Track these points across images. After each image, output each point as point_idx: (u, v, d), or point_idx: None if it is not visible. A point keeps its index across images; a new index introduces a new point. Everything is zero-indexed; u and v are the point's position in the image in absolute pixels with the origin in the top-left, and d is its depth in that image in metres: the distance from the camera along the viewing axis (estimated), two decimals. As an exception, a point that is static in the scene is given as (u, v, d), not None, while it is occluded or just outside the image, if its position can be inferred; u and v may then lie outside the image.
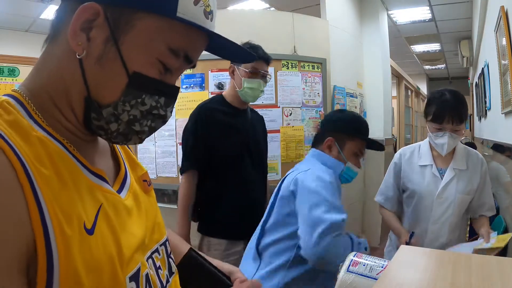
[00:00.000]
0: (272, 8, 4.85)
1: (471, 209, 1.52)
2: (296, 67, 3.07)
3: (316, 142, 1.45)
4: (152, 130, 0.51)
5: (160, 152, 2.69)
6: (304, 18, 3.26)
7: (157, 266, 0.56)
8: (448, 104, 1.42)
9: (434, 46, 6.81)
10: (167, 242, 0.61)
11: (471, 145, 4.02)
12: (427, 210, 1.50)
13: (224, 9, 3.84)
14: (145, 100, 0.47)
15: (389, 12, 4.82)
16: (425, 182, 1.52)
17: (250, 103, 1.73)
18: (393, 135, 5.42)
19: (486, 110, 3.64)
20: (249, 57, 0.58)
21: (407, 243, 1.43)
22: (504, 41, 2.05)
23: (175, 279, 0.60)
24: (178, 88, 0.51)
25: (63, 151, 0.44)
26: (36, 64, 0.49)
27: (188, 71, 3.02)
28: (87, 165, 0.47)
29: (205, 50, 0.54)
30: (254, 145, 1.70)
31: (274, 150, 2.95)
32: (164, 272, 0.57)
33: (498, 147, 2.51)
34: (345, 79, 3.58)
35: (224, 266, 0.70)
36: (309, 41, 3.17)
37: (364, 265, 0.98)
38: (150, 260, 0.54)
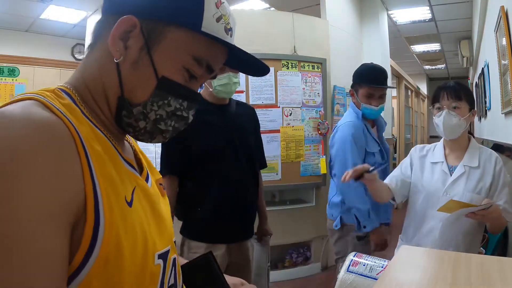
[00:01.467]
0: (272, 8, 4.85)
1: None
2: (296, 67, 3.07)
3: None
4: (175, 130, 0.57)
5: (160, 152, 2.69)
6: (304, 18, 3.26)
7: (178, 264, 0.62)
8: (446, 86, 1.47)
9: (434, 46, 6.81)
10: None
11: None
12: (434, 208, 1.47)
13: (224, 9, 3.85)
14: (171, 102, 0.54)
15: (389, 12, 4.82)
16: (434, 178, 1.50)
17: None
18: (393, 135, 5.42)
19: (486, 110, 3.64)
20: (266, 70, 0.63)
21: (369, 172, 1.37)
22: (504, 41, 2.06)
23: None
24: (200, 94, 0.58)
25: (105, 138, 0.51)
26: (79, 66, 0.56)
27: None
28: (121, 153, 0.54)
29: (224, 65, 0.60)
30: (240, 141, 1.62)
31: (274, 150, 2.95)
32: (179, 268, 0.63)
33: (498, 147, 2.51)
34: (345, 79, 3.57)
35: (229, 279, 0.74)
36: (309, 41, 3.17)
37: (364, 265, 0.98)
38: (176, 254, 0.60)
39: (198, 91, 0.59)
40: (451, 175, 1.47)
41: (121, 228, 0.45)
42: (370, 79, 1.83)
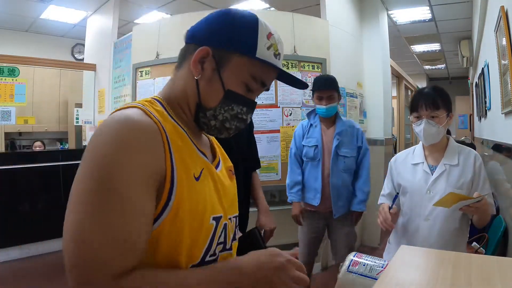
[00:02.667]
0: (272, 8, 4.85)
1: None
2: (296, 67, 3.07)
3: None
4: (237, 129, 0.78)
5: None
6: (304, 18, 3.25)
7: (229, 227, 0.79)
8: (424, 94, 1.52)
9: (434, 46, 6.80)
10: (237, 217, 0.86)
11: (471, 145, 4.01)
12: (417, 207, 1.52)
13: (224, 9, 3.84)
14: (234, 108, 0.74)
15: (389, 12, 4.82)
16: (416, 178, 1.56)
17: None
18: (393, 135, 5.42)
19: (486, 110, 3.64)
20: (304, 86, 0.83)
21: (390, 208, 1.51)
22: (504, 41, 2.05)
23: (235, 244, 0.83)
24: (256, 102, 0.79)
25: (183, 132, 0.72)
26: (169, 81, 0.79)
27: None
28: (197, 145, 0.75)
29: (276, 79, 0.81)
30: (234, 142, 1.62)
31: (274, 150, 2.95)
32: (231, 234, 0.80)
33: (498, 147, 2.51)
34: (345, 79, 3.58)
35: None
36: (309, 41, 3.17)
37: (364, 265, 0.98)
38: (231, 219, 0.80)
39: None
40: (432, 174, 1.53)
41: (187, 194, 0.65)
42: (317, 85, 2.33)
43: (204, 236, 0.69)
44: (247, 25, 0.72)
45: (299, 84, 0.83)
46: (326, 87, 2.30)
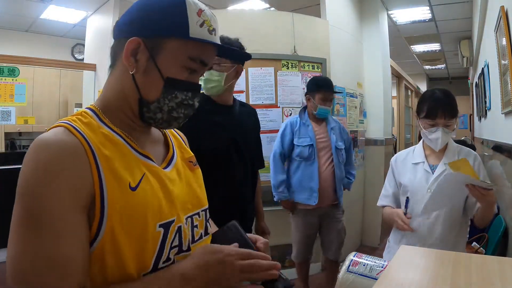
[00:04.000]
0: (272, 8, 4.85)
1: (469, 207, 1.52)
2: (296, 67, 3.07)
3: None
4: (186, 116, 0.74)
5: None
6: (304, 18, 3.25)
7: (195, 225, 0.77)
8: (440, 101, 1.51)
9: (434, 46, 6.80)
10: (207, 211, 0.84)
11: (471, 147, 4.01)
12: (419, 205, 1.53)
13: (224, 9, 3.84)
14: (177, 95, 0.70)
15: (389, 12, 4.82)
16: (417, 177, 1.57)
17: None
18: (393, 135, 5.42)
19: (486, 110, 3.64)
20: (246, 57, 0.81)
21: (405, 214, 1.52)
22: (504, 41, 2.05)
23: (207, 240, 0.80)
24: (200, 84, 0.75)
25: (119, 139, 0.68)
26: (105, 84, 0.74)
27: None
28: (136, 148, 0.70)
29: (218, 56, 0.78)
30: (242, 142, 1.63)
31: (274, 150, 2.95)
32: (199, 231, 0.78)
33: (499, 148, 2.51)
34: (345, 79, 3.58)
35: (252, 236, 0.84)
36: (309, 41, 3.17)
37: (364, 265, 0.98)
38: (189, 219, 0.76)
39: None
40: (433, 174, 1.54)
41: (122, 208, 0.62)
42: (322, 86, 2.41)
43: (152, 245, 0.67)
44: (174, 6, 0.68)
45: (243, 57, 0.81)
46: (331, 89, 2.41)
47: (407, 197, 1.55)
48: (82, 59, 5.21)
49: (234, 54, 0.79)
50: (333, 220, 2.45)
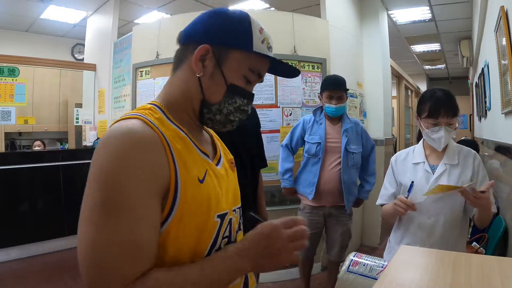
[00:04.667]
0: (272, 8, 4.85)
1: (468, 208, 1.52)
2: (296, 67, 3.07)
3: None
4: (240, 120, 0.82)
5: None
6: (304, 18, 3.25)
7: (234, 220, 0.84)
8: (442, 100, 1.51)
9: (434, 46, 6.80)
10: (240, 208, 0.90)
11: (472, 142, 4.01)
12: (419, 205, 1.52)
13: (224, 9, 3.84)
14: (236, 100, 0.78)
15: (389, 12, 4.82)
16: (417, 177, 1.57)
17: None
18: (393, 135, 5.42)
19: (486, 110, 3.64)
20: (296, 72, 0.87)
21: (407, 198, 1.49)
22: (504, 41, 2.05)
23: (240, 234, 0.88)
24: (254, 94, 0.83)
25: (185, 136, 0.74)
26: (167, 83, 0.81)
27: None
28: (198, 146, 0.77)
29: (268, 72, 0.85)
30: (240, 142, 1.63)
31: (274, 150, 2.95)
32: (236, 226, 0.85)
33: (499, 148, 2.51)
34: (345, 79, 3.57)
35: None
36: (309, 41, 3.17)
37: (364, 265, 0.98)
38: (234, 213, 0.83)
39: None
40: (433, 174, 1.54)
41: (191, 198, 0.69)
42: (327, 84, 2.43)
43: (209, 234, 0.73)
44: (242, 22, 0.77)
45: (292, 73, 0.87)
46: (337, 87, 2.38)
47: (412, 182, 1.53)
48: (82, 59, 5.21)
49: (284, 70, 0.85)
50: (337, 222, 2.44)
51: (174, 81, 0.80)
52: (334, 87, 2.38)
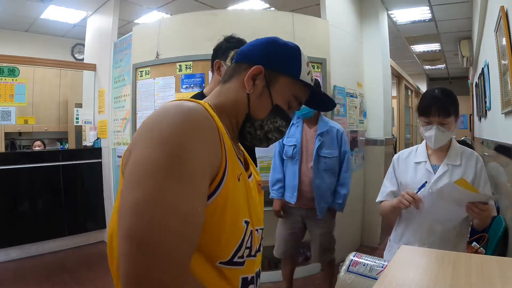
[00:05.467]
0: (272, 8, 4.85)
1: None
2: (296, 67, 3.07)
3: None
4: (276, 139, 0.86)
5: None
6: (304, 18, 3.25)
7: (256, 236, 0.84)
8: (436, 99, 1.51)
9: (434, 46, 6.81)
10: (263, 230, 0.91)
11: (470, 146, 4.01)
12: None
13: (224, 9, 3.84)
14: (277, 121, 0.83)
15: (389, 12, 4.82)
16: (418, 176, 1.57)
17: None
18: (393, 135, 5.42)
19: (486, 110, 3.64)
20: (332, 106, 0.93)
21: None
22: (504, 41, 2.05)
23: (260, 255, 0.87)
24: (291, 119, 0.87)
25: (228, 138, 0.75)
26: (216, 91, 0.86)
27: (188, 71, 3.04)
28: (236, 151, 0.79)
29: (304, 105, 0.90)
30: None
31: (270, 150, 2.94)
32: (256, 244, 0.85)
33: (499, 148, 2.51)
34: (345, 79, 3.58)
35: None
36: (309, 41, 3.17)
37: (364, 265, 0.98)
38: (256, 232, 0.83)
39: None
40: (435, 173, 1.54)
41: (231, 191, 0.69)
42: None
43: (237, 236, 0.73)
44: (294, 52, 0.85)
45: (328, 104, 0.93)
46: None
47: (425, 181, 1.51)
48: (82, 59, 5.21)
49: (320, 103, 0.92)
50: (314, 224, 2.44)
51: (223, 91, 0.84)
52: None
